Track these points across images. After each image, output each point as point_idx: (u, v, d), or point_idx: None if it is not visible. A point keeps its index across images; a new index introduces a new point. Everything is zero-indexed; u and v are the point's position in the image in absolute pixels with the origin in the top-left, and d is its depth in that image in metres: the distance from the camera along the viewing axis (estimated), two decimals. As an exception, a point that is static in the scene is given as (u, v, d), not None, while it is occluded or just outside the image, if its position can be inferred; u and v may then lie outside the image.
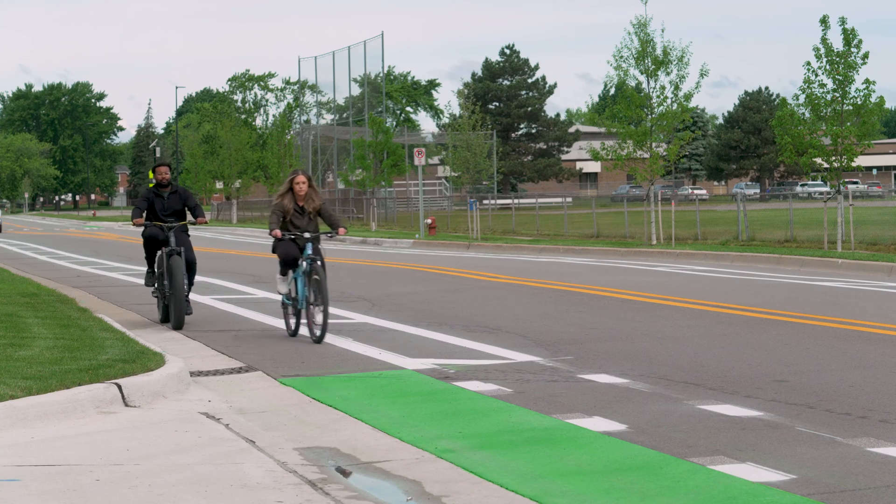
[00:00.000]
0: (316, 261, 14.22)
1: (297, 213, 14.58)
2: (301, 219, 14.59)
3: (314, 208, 14.65)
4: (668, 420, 9.13)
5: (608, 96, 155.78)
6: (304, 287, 14.34)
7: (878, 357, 12.16)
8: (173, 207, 16.27)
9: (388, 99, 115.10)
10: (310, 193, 14.65)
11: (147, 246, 16.40)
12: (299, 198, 14.62)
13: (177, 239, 15.98)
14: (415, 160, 50.17)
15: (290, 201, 14.58)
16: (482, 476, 7.54)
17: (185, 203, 16.36)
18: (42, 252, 40.50)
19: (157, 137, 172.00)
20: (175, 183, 16.50)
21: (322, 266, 14.19)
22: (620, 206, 51.60)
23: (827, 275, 24.30)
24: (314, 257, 14.27)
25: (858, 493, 6.91)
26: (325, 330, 13.95)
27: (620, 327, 15.15)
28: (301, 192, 14.58)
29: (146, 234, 16.28)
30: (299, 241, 14.45)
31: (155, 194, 16.31)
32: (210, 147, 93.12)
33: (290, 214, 14.55)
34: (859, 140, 31.19)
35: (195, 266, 16.07)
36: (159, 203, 16.27)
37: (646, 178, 37.00)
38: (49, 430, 9.00)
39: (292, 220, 14.57)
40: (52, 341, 12.81)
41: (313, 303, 14.13)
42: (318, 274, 14.09)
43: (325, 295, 13.93)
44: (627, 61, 36.53)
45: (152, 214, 16.28)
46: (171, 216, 16.22)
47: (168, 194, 16.32)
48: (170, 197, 16.33)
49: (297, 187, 14.57)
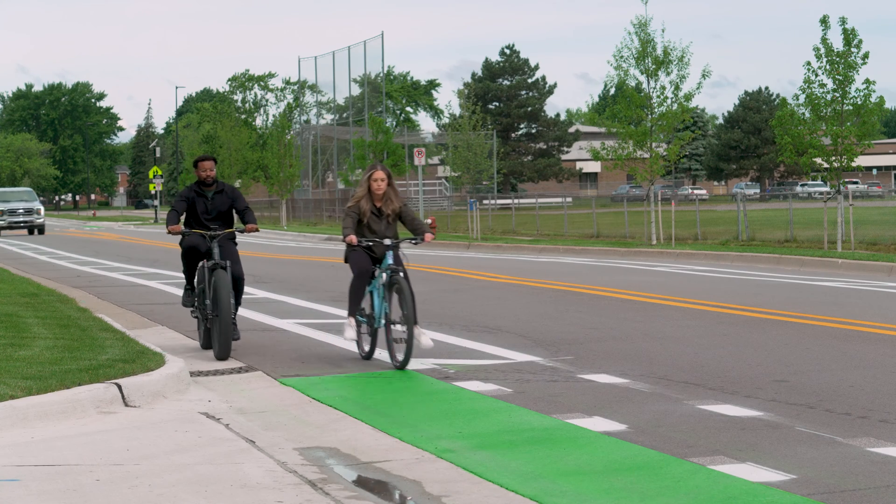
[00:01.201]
0: (398, 272, 12.14)
1: (374, 215, 12.52)
2: (379, 223, 12.51)
3: (393, 211, 12.54)
4: (668, 420, 9.13)
5: (608, 96, 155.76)
6: (381, 302, 12.31)
7: (878, 357, 12.16)
8: (218, 210, 13.58)
9: (388, 99, 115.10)
10: (389, 193, 12.54)
11: (186, 258, 13.65)
12: (376, 198, 12.51)
13: (222, 250, 13.26)
14: (415, 160, 50.20)
15: (368, 202, 12.50)
16: (482, 476, 7.54)
17: (232, 205, 13.65)
18: (42, 252, 40.50)
19: (157, 137, 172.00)
20: (222, 181, 13.88)
21: (405, 277, 12.09)
22: (620, 206, 51.60)
23: (827, 275, 24.30)
24: (395, 267, 12.18)
25: (858, 493, 6.91)
26: (410, 354, 11.86)
27: (620, 327, 15.15)
28: (379, 190, 12.48)
29: (186, 245, 13.49)
30: (376, 249, 12.39)
31: (197, 193, 13.57)
32: (210, 147, 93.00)
33: (366, 217, 12.47)
34: (859, 140, 31.19)
35: (243, 283, 13.39)
36: (202, 205, 13.54)
37: (646, 178, 37.00)
38: (49, 430, 9.00)
39: (369, 223, 12.49)
40: (52, 341, 12.81)
41: (395, 321, 12.14)
42: (400, 287, 12.01)
43: (410, 311, 11.81)
44: (628, 61, 36.54)
45: (193, 219, 13.59)
46: (216, 221, 13.54)
47: (213, 194, 13.58)
48: (215, 197, 13.59)
49: (374, 185, 12.48)
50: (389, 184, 12.55)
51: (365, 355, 12.65)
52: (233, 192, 13.75)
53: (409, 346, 11.80)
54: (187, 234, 13.44)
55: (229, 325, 12.71)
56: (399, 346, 12.00)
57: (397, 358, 11.98)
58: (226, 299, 12.73)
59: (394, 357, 12.06)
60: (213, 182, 13.57)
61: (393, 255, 12.30)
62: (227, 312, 12.68)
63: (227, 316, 12.67)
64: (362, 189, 12.53)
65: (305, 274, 26.35)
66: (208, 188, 13.57)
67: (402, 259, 12.38)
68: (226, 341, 12.71)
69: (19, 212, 61.80)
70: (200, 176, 13.51)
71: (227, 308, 12.69)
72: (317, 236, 52.26)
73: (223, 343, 12.72)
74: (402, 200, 12.61)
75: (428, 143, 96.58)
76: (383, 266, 12.28)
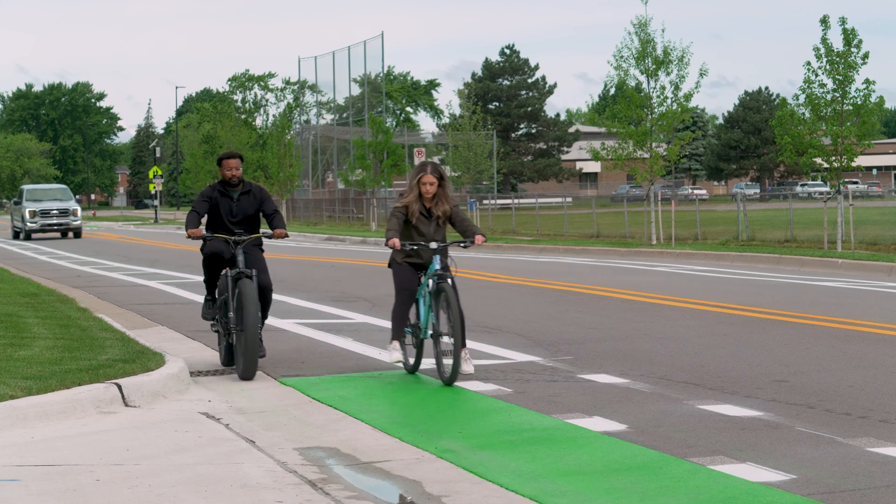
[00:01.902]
0: (445, 278, 11.13)
1: (423, 216, 11.51)
2: (427, 224, 11.49)
3: (444, 213, 11.53)
4: (668, 420, 9.13)
5: (608, 96, 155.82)
6: (428, 311, 11.39)
7: (878, 357, 12.16)
8: (244, 213, 12.23)
9: (388, 99, 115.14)
10: (439, 194, 11.53)
11: (208, 265, 12.31)
12: (426, 199, 11.53)
13: (247, 257, 11.99)
14: (415, 160, 50.20)
15: (417, 202, 11.54)
16: (482, 476, 7.54)
17: (260, 208, 12.34)
18: (42, 252, 40.50)
19: (157, 137, 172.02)
20: (249, 181, 12.46)
21: (453, 285, 11.13)
22: (620, 206, 51.60)
23: (827, 275, 24.30)
24: (443, 273, 11.19)
25: (858, 493, 6.91)
26: (459, 368, 10.94)
27: (620, 327, 15.15)
28: (429, 192, 11.47)
29: (208, 252, 12.20)
30: (423, 254, 11.40)
31: (221, 194, 12.21)
32: (210, 147, 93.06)
33: (414, 218, 11.47)
34: (859, 140, 31.19)
35: (271, 294, 12.09)
36: (226, 206, 12.17)
37: (646, 178, 37.01)
38: (49, 430, 9.00)
39: (417, 225, 11.48)
40: (52, 341, 12.81)
41: (442, 332, 11.22)
42: (447, 296, 11.04)
43: (457, 322, 10.88)
44: (628, 61, 36.53)
45: (216, 222, 12.23)
46: (241, 225, 12.20)
47: (238, 195, 12.22)
48: (240, 199, 12.22)
49: (423, 189, 11.45)
50: (441, 185, 11.52)
51: (410, 369, 11.73)
52: (261, 192, 12.39)
53: (457, 361, 10.89)
54: (209, 238, 12.12)
55: (255, 341, 11.48)
56: (447, 359, 11.13)
57: (445, 373, 11.08)
58: (252, 312, 11.48)
59: (441, 372, 11.15)
60: (238, 182, 12.24)
61: (440, 261, 11.29)
62: (254, 327, 11.44)
63: (253, 331, 11.41)
64: (412, 193, 11.51)
65: (305, 274, 26.36)
66: (233, 188, 12.25)
67: (451, 264, 11.40)
68: (251, 360, 11.46)
69: (53, 213, 53.44)
70: (225, 175, 12.15)
71: (254, 322, 11.46)
72: (317, 236, 52.28)
73: (249, 362, 11.47)
74: (454, 202, 11.66)
75: (428, 143, 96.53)
76: (430, 271, 11.32)
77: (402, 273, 11.47)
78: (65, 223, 53.67)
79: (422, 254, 11.44)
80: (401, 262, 11.50)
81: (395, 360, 11.37)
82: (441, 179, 11.51)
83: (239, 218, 12.17)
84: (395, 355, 11.35)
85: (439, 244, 11.38)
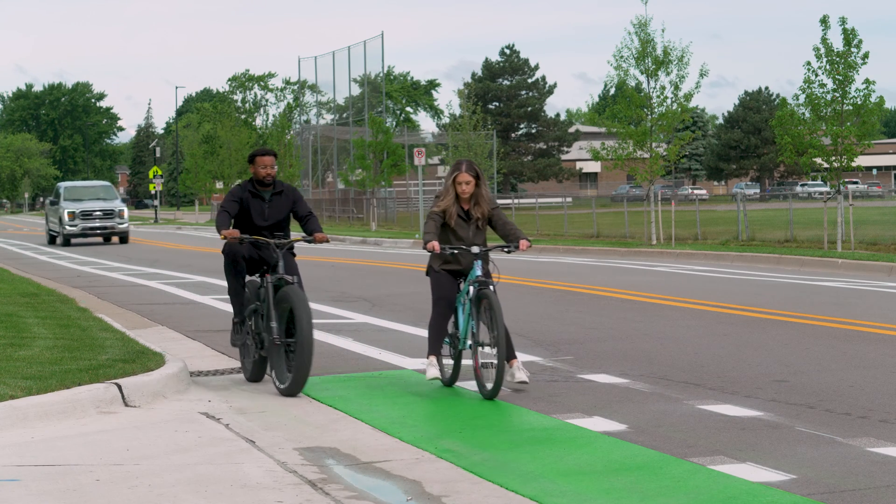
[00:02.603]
0: (487, 285, 10.41)
1: (461, 219, 10.80)
2: (466, 228, 10.80)
3: (482, 214, 10.85)
4: (668, 420, 9.13)
5: (608, 96, 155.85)
6: (468, 320, 10.59)
7: (878, 357, 12.16)
8: (277, 215, 11.23)
9: (388, 99, 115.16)
10: (477, 195, 10.82)
11: (235, 271, 11.20)
12: (463, 200, 10.83)
13: (285, 264, 11.01)
14: (415, 160, 50.17)
15: (455, 204, 10.82)
16: (482, 476, 7.54)
17: (292, 209, 11.31)
18: (42, 252, 40.50)
19: (157, 137, 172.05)
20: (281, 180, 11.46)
21: (494, 292, 10.41)
22: (620, 206, 51.61)
23: (827, 275, 24.30)
24: (484, 280, 10.48)
25: (858, 493, 6.91)
26: (501, 382, 10.13)
27: (620, 327, 15.15)
28: (465, 193, 10.77)
29: (247, 255, 11.16)
30: (463, 259, 10.73)
31: (252, 194, 11.14)
32: (210, 147, 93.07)
33: (452, 220, 10.76)
34: (859, 140, 31.20)
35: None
36: (258, 208, 11.12)
37: (646, 178, 37.01)
38: (49, 430, 9.00)
39: (455, 229, 10.77)
40: (52, 341, 12.81)
41: (483, 342, 10.45)
42: (490, 303, 10.28)
43: (500, 332, 10.08)
44: (628, 61, 36.55)
45: (243, 225, 11.18)
46: (273, 229, 11.21)
47: (270, 195, 11.21)
48: (273, 200, 11.20)
49: (459, 189, 10.75)
50: (478, 185, 10.79)
51: (447, 382, 10.93)
52: (293, 193, 11.35)
53: (500, 373, 10.06)
54: (249, 240, 10.97)
55: (311, 352, 10.35)
56: (488, 372, 10.31)
57: (485, 386, 10.27)
58: (306, 322, 10.31)
59: (482, 386, 10.34)
60: (271, 182, 11.22)
61: (481, 266, 10.58)
62: (309, 336, 10.30)
63: (307, 340, 10.28)
64: (449, 195, 10.77)
65: (305, 273, 26.19)
66: (265, 188, 11.20)
67: (493, 270, 10.75)
68: (304, 375, 10.40)
69: (95, 214, 45.60)
70: (259, 174, 11.10)
71: (309, 331, 10.31)
72: (317, 236, 52.20)
73: (300, 377, 10.41)
74: (494, 202, 10.93)
75: (428, 143, 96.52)
76: (470, 277, 10.56)
77: (440, 281, 10.79)
78: (109, 226, 45.89)
79: (461, 259, 10.75)
80: (439, 269, 10.84)
81: (431, 377, 10.61)
82: (477, 178, 10.77)
83: (271, 221, 11.15)
84: (432, 372, 10.63)
85: (481, 248, 10.66)
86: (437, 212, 10.76)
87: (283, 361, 10.68)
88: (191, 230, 65.45)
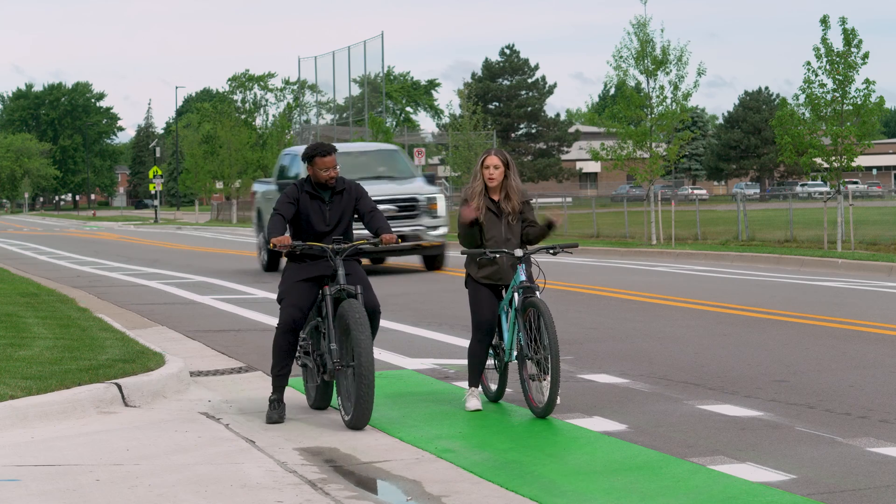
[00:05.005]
0: (534, 291, 9.32)
1: (491, 214, 9.49)
2: (497, 225, 9.49)
3: (513, 209, 9.51)
4: (668, 420, 9.13)
5: (608, 96, 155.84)
6: (513, 330, 9.48)
7: (878, 357, 12.16)
8: (338, 218, 9.64)
9: (388, 99, 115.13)
10: (506, 186, 9.49)
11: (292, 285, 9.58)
12: (492, 190, 9.50)
13: (348, 271, 9.54)
14: (415, 160, 50.17)
15: (484, 197, 9.51)
16: (482, 476, 7.54)
17: (356, 210, 9.72)
18: (42, 252, 40.49)
19: (157, 137, 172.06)
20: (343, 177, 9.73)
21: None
22: (620, 206, 51.59)
23: (827, 275, 24.29)
24: (529, 285, 9.35)
25: (858, 493, 6.91)
26: (556, 398, 9.13)
27: (620, 327, 15.14)
28: (493, 179, 9.43)
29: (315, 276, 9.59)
30: (502, 263, 9.50)
31: (310, 196, 9.57)
32: (210, 147, 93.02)
33: (481, 216, 9.46)
34: (859, 140, 31.19)
35: (379, 316, 9.53)
36: (317, 211, 9.57)
37: (646, 178, 37.01)
38: (49, 430, 9.00)
39: (485, 225, 9.48)
40: (52, 341, 12.81)
41: (531, 356, 9.34)
42: (541, 312, 9.17)
43: (552, 342, 9.03)
44: (627, 61, 36.54)
45: (300, 231, 9.64)
46: (335, 233, 9.62)
47: (331, 195, 9.61)
48: (334, 200, 9.61)
49: (486, 173, 9.43)
50: (507, 174, 9.46)
51: (492, 397, 9.95)
52: (356, 189, 9.71)
53: (555, 385, 9.03)
54: (303, 247, 9.45)
55: (372, 380, 8.89)
56: (537, 384, 9.31)
57: (537, 404, 9.25)
58: (365, 343, 8.91)
59: (532, 403, 9.32)
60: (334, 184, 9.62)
61: (524, 270, 9.40)
62: (369, 361, 8.89)
63: (369, 366, 8.87)
64: (477, 181, 9.48)
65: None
66: (325, 190, 9.63)
67: (536, 275, 9.58)
68: (367, 404, 8.91)
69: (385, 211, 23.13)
70: (321, 177, 9.50)
71: (369, 355, 8.90)
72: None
73: (364, 407, 8.93)
74: (526, 195, 9.62)
75: (428, 143, 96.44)
76: (514, 284, 9.42)
77: (480, 302, 9.55)
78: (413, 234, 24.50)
79: (502, 263, 9.51)
80: (478, 279, 9.58)
81: (473, 409, 9.58)
82: (507, 165, 9.46)
83: (333, 225, 9.60)
84: (473, 403, 9.61)
85: (524, 251, 9.43)
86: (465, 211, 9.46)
87: (348, 388, 9.22)
88: (191, 230, 65.45)
